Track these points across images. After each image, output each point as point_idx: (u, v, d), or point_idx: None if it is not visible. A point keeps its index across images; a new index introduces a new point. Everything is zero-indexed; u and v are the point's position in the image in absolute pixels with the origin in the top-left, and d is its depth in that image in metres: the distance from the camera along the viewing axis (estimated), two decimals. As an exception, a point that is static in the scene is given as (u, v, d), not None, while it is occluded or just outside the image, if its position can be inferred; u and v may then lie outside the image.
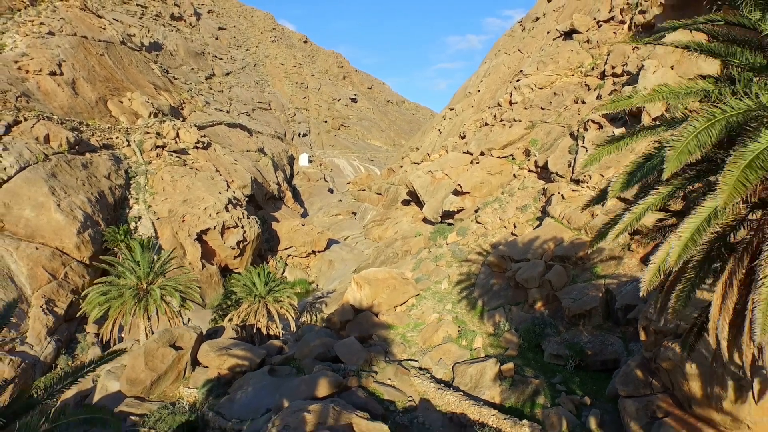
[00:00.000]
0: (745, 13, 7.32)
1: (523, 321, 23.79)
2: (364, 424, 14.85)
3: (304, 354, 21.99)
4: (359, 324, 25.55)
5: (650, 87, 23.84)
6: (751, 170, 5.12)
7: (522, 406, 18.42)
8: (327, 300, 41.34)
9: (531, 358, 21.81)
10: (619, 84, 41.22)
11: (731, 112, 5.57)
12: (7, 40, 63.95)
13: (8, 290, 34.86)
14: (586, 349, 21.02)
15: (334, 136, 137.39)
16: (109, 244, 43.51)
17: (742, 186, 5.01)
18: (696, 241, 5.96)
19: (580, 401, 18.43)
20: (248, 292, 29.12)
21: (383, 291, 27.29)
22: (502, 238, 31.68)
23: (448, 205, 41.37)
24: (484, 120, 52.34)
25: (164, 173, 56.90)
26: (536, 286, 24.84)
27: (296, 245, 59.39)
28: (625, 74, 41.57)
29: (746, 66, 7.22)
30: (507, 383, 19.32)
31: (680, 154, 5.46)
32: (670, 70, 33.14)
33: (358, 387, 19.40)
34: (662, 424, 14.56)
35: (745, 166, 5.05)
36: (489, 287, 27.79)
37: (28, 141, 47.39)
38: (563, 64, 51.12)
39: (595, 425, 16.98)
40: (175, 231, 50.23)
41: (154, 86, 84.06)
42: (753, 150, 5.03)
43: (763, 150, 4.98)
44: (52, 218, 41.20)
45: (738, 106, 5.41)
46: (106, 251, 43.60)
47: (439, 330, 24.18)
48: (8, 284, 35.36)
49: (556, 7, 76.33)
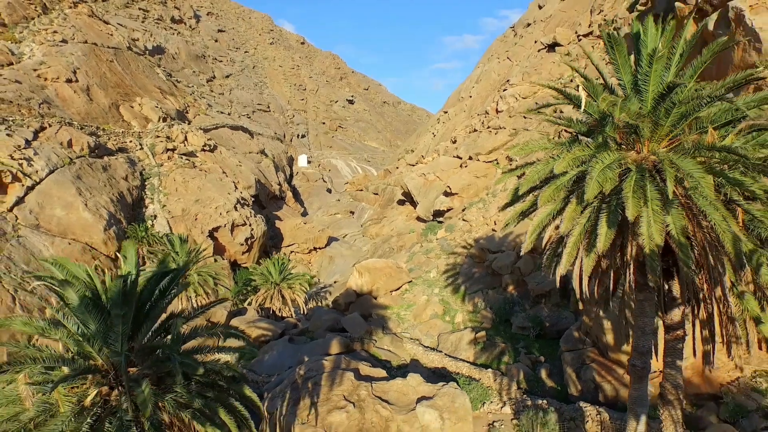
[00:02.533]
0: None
1: (497, 301, 29.21)
2: (367, 368, 20.19)
3: (317, 326, 27.32)
4: (361, 305, 30.86)
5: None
6: (557, 189, 10.42)
7: (490, 363, 23.82)
8: (330, 290, 46.65)
9: (501, 329, 27.20)
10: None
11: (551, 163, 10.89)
12: (24, 48, 68.85)
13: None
14: (546, 321, 26.42)
15: (332, 137, 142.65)
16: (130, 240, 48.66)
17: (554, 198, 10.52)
18: (545, 222, 11.22)
19: (536, 359, 23.85)
20: (265, 279, 34.42)
21: (381, 278, 32.64)
22: (484, 234, 37.05)
23: (439, 205, 46.77)
24: (473, 126, 57.76)
25: (176, 175, 62.03)
26: (509, 273, 30.27)
27: (299, 242, 64.64)
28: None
29: (578, 131, 12.36)
30: (480, 346, 24.73)
31: (527, 182, 10.77)
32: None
33: (361, 349, 24.76)
34: (588, 367, 19.99)
35: (555, 187, 10.36)
36: (471, 275, 33.19)
37: (54, 146, 52.45)
38: (545, 76, 56.54)
39: (545, 375, 22.37)
40: (189, 228, 55.36)
41: (160, 90, 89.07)
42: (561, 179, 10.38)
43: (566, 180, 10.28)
44: (81, 216, 46.36)
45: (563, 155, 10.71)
46: (128, 247, 48.82)
47: (427, 309, 29.57)
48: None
49: (545, 17, 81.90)
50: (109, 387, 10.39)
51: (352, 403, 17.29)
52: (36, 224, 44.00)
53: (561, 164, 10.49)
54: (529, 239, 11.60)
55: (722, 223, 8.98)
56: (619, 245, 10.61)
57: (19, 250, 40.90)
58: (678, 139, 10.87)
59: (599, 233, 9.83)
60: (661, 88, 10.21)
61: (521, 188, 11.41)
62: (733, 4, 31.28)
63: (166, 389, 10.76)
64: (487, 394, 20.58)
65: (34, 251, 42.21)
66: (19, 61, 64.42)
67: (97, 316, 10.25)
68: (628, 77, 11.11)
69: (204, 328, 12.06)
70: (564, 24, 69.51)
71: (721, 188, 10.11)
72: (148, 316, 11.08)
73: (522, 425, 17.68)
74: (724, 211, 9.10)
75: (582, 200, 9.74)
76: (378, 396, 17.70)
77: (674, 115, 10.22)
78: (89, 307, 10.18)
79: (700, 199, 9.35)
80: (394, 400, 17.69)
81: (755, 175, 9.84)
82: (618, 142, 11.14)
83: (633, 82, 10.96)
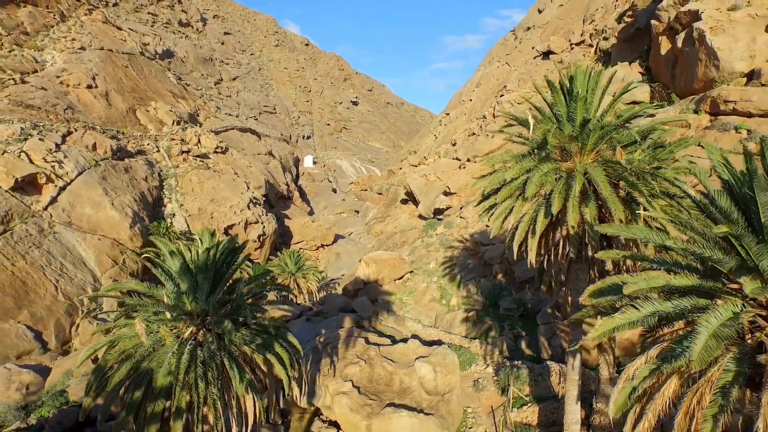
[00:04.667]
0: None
1: (488, 287, 33.84)
2: (375, 337, 24.88)
3: (330, 308, 32.05)
4: (368, 291, 35.52)
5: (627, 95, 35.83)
6: (509, 190, 15.09)
7: (479, 337, 28.47)
8: (339, 282, 51.35)
9: (491, 311, 31.83)
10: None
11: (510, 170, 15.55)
12: (47, 56, 73.88)
13: (84, 272, 44.96)
14: (528, 303, 31.04)
15: (337, 138, 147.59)
16: (153, 236, 53.53)
17: (509, 196, 15.24)
18: (504, 214, 15.84)
19: (518, 333, 28.47)
20: (282, 269, 39.15)
21: (386, 268, 37.32)
22: (479, 229, 41.67)
23: (439, 204, 51.42)
24: (471, 130, 62.41)
25: (191, 176, 66.94)
26: (498, 263, 34.91)
27: (307, 239, 69.45)
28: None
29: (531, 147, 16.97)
30: (471, 323, 29.40)
31: (490, 185, 15.41)
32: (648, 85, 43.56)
33: (369, 326, 29.46)
34: (557, 336, 24.65)
35: (508, 189, 14.95)
36: (466, 265, 37.83)
37: (81, 149, 57.36)
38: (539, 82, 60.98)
39: (525, 345, 27.00)
40: (205, 226, 60.20)
41: (172, 94, 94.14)
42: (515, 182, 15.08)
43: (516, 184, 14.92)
44: (108, 215, 51.25)
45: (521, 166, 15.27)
46: (151, 243, 53.74)
47: (426, 294, 34.25)
48: (83, 267, 45.43)
49: (543, 23, 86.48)
50: (196, 328, 15.08)
51: (363, 360, 21.99)
52: (68, 222, 48.85)
53: (511, 173, 15.22)
54: (494, 227, 16.28)
55: (617, 211, 13.56)
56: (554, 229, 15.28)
57: (56, 245, 45.76)
58: (599, 154, 15.50)
59: (538, 221, 14.47)
60: (581, 119, 14.82)
61: (486, 190, 16.10)
62: (697, 25, 36.09)
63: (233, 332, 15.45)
64: (474, 358, 25.26)
65: (68, 246, 47.13)
66: (42, 68, 69.36)
67: (188, 278, 14.97)
68: (564, 110, 15.71)
69: (257, 289, 16.79)
70: (560, 31, 74.05)
71: (627, 189, 14.76)
72: (221, 279, 15.78)
73: (500, 379, 22.36)
74: (618, 204, 13.69)
75: (525, 198, 14.41)
76: (384, 356, 22.40)
77: (592, 137, 14.83)
78: (184, 272, 14.91)
79: (605, 194, 13.95)
80: (397, 359, 22.38)
81: (647, 179, 14.42)
82: (558, 156, 15.80)
83: (567, 114, 15.57)
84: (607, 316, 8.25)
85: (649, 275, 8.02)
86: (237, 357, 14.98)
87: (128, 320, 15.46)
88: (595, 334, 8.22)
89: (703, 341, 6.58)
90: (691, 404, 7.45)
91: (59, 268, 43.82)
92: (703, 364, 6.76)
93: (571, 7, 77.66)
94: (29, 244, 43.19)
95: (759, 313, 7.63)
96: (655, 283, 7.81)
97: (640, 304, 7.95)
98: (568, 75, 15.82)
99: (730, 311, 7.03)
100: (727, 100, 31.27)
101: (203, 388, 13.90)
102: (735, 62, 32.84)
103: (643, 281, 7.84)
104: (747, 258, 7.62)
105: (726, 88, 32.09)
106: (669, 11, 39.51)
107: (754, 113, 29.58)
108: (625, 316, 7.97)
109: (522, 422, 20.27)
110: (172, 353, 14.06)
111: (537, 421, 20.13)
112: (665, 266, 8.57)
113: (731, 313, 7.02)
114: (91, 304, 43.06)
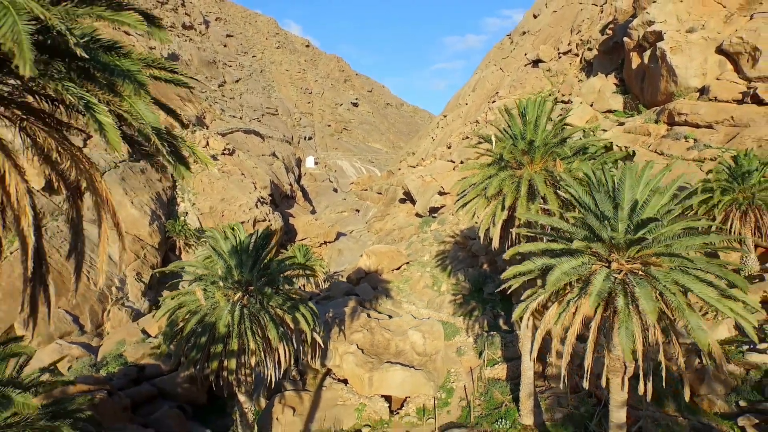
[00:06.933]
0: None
1: (474, 275, 39.26)
2: (375, 314, 30.33)
3: (336, 293, 37.50)
4: (369, 279, 40.97)
5: (576, 116, 41.85)
6: (475, 191, 20.42)
7: (463, 315, 33.91)
8: (341, 275, 56.78)
9: (476, 296, 37.24)
10: (566, 109, 56.69)
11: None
12: (63, 62, 79.12)
13: (111, 265, 50.34)
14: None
15: (337, 139, 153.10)
16: (170, 233, 58.97)
17: (476, 195, 20.75)
18: (473, 210, 21.25)
19: (497, 313, 33.89)
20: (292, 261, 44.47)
21: (385, 260, 42.76)
22: (468, 226, 47.09)
23: (434, 203, 56.86)
24: (465, 134, 67.87)
25: (202, 177, 72.33)
26: (484, 254, 40.34)
27: (311, 237, 74.86)
28: (570, 102, 57.07)
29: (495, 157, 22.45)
30: (457, 305, 34.84)
31: (461, 187, 20.83)
32: (589, 106, 48.85)
33: (370, 308, 34.91)
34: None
35: (475, 190, 20.38)
36: (456, 257, 43.27)
37: (101, 152, 62.68)
38: (529, 89, 66.54)
39: (502, 323, 32.43)
40: (217, 224, 65.61)
41: (179, 98, 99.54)
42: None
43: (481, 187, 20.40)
44: (129, 213, 56.60)
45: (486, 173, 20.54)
46: (168, 239, 59.24)
47: (420, 282, 39.68)
48: (109, 260, 50.81)
49: (536, 30, 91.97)
50: (242, 294, 20.46)
51: (366, 329, 27.44)
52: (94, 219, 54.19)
53: (476, 178, 20.67)
54: (467, 220, 21.68)
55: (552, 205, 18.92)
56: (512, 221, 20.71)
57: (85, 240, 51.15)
58: (545, 164, 20.92)
59: (497, 214, 19.89)
60: (530, 139, 20.21)
61: (458, 190, 21.51)
62: (660, 44, 41.70)
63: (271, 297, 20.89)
64: (458, 331, 30.70)
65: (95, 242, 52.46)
66: (61, 75, 74.61)
67: (236, 256, 20.39)
68: (518, 130, 21.09)
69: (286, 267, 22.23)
70: (550, 39, 79.51)
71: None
72: (259, 257, 21.18)
73: (477, 346, 27.78)
74: (556, 202, 19.04)
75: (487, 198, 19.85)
76: (383, 327, 27.85)
77: (539, 152, 20.23)
78: (233, 252, 20.33)
79: (543, 192, 19.30)
80: (393, 329, 27.82)
81: (576, 184, 19.79)
82: (515, 166, 21.23)
83: (521, 134, 20.97)
84: (513, 265, 13.73)
85: (537, 243, 13.46)
86: (273, 316, 20.40)
87: (190, 288, 20.91)
88: (507, 275, 13.75)
89: (557, 274, 11.95)
90: (558, 310, 13.01)
91: (89, 261, 49.20)
92: (556, 287, 12.25)
93: (562, 16, 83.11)
94: (61, 239, 48.62)
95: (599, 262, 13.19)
96: (538, 247, 13.27)
97: (534, 260, 13.37)
98: (522, 105, 21.18)
99: (579, 261, 12.42)
100: (680, 112, 36.76)
101: (250, 336, 19.32)
102: (690, 79, 38.36)
103: (532, 245, 13.26)
104: (596, 231, 13.10)
105: (680, 102, 37.61)
106: (638, 30, 44.94)
107: (701, 124, 35.04)
108: (524, 265, 13.42)
109: (494, 378, 25.70)
110: (227, 311, 19.47)
111: (506, 376, 25.56)
112: (551, 237, 14.05)
113: (580, 262, 12.43)
114: (118, 293, 48.52)
